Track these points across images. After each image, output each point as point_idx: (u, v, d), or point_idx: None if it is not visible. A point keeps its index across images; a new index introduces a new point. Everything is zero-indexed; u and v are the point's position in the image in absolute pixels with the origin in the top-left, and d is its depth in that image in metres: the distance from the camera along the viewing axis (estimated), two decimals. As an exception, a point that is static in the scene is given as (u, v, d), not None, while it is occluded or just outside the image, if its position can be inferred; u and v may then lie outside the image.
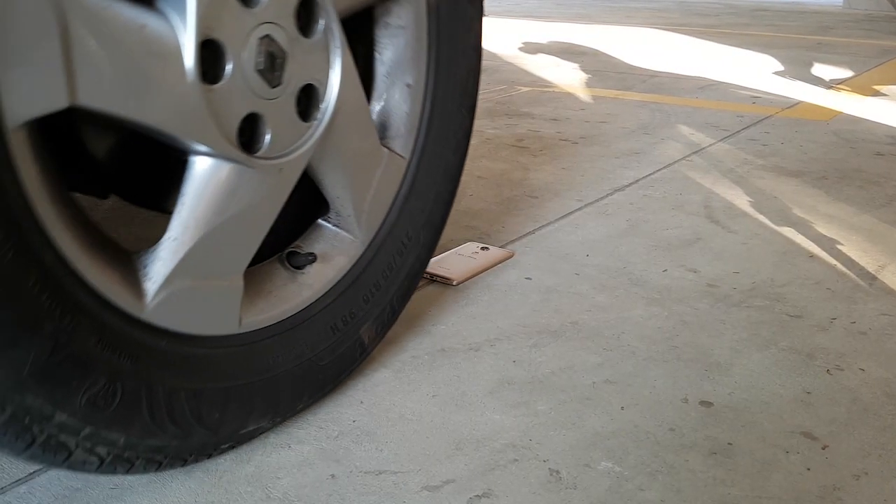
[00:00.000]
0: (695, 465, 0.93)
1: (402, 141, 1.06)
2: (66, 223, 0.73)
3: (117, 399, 0.77)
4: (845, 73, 3.60)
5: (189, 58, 0.75)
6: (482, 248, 1.51)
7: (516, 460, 0.93)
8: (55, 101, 0.67)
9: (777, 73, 3.56)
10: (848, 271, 1.46)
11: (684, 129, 2.50)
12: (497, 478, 0.90)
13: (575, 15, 6.09)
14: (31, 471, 0.90)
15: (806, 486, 0.89)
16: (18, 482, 0.88)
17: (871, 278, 1.43)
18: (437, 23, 1.05)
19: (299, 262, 0.96)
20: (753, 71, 3.59)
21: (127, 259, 0.81)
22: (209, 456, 0.90)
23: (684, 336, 1.22)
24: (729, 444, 0.96)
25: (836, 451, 0.95)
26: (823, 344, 1.20)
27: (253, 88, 0.82)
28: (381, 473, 0.91)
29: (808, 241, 1.60)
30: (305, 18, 0.87)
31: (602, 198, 1.84)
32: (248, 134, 0.84)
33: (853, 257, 1.52)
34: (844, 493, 0.88)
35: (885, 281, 1.42)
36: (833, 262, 1.50)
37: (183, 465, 0.88)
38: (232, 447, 0.92)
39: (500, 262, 1.48)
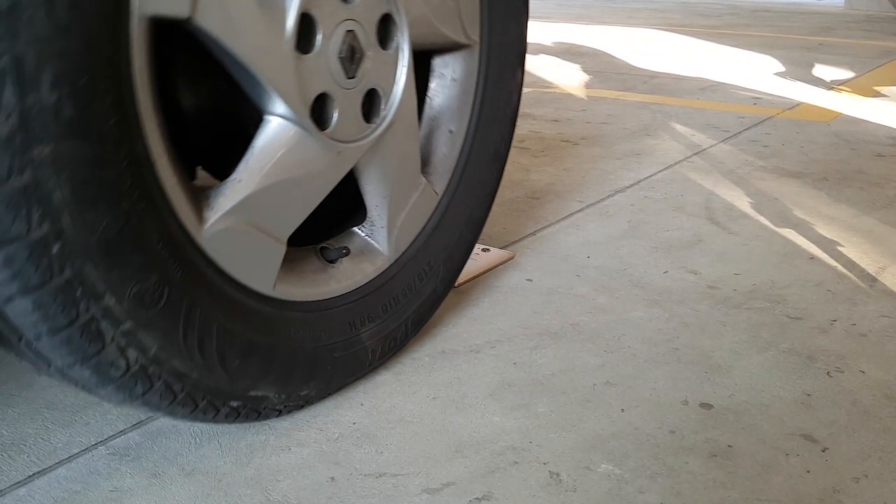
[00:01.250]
0: (695, 467, 0.93)
1: (438, 179, 1.15)
2: (161, 127, 0.79)
3: (162, 303, 0.80)
4: (846, 74, 3.60)
5: (291, 21, 0.85)
6: (483, 250, 1.51)
7: (516, 463, 0.93)
8: (179, 8, 0.76)
9: (778, 73, 3.56)
10: (848, 273, 1.45)
11: (685, 131, 2.50)
12: (497, 480, 0.90)
13: (576, 15, 6.09)
14: (31, 473, 0.90)
15: (806, 488, 0.89)
16: (18, 485, 0.88)
17: (872, 280, 1.43)
18: (485, 85, 1.18)
19: (331, 255, 1.04)
20: (754, 72, 3.59)
21: (199, 186, 0.88)
22: (214, 415, 0.91)
23: (685, 338, 1.21)
24: (729, 446, 0.96)
25: (836, 454, 0.95)
26: (824, 346, 1.20)
27: (332, 71, 0.92)
28: (381, 476, 0.91)
29: (809, 242, 1.60)
30: (383, 31, 0.99)
31: (603, 199, 1.84)
32: (319, 112, 0.93)
33: (854, 259, 1.52)
34: (844, 496, 0.88)
35: (885, 283, 1.41)
36: (833, 263, 1.50)
37: (191, 413, 0.88)
38: (235, 413, 0.93)
39: (501, 263, 1.48)
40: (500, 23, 1.17)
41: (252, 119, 0.90)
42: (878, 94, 3.13)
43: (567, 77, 3.43)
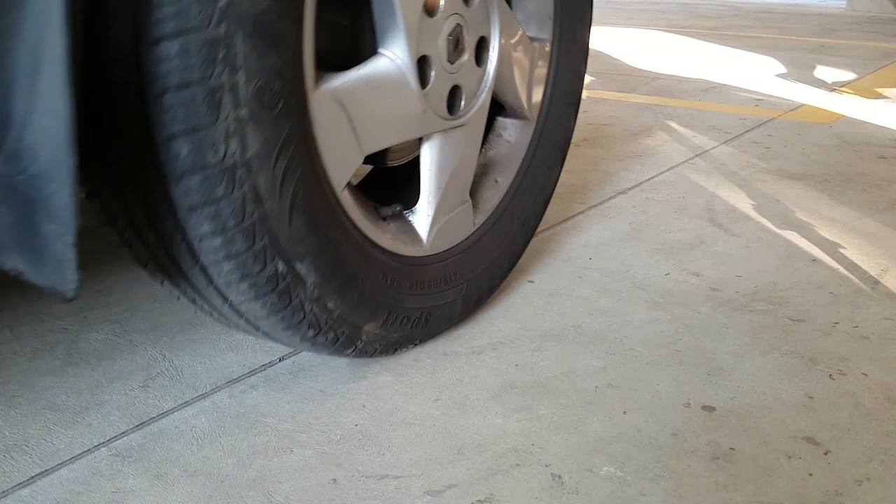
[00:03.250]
0: (697, 470, 0.92)
1: (478, 213, 1.25)
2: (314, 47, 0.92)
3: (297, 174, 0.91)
4: (848, 75, 3.60)
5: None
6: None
7: (518, 465, 0.93)
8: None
9: (780, 75, 3.56)
10: (850, 275, 1.45)
11: (687, 132, 2.50)
12: (499, 482, 0.90)
13: (578, 17, 6.07)
14: (33, 474, 0.90)
15: (808, 491, 0.89)
16: (20, 486, 0.88)
17: (874, 282, 1.43)
18: (534, 153, 1.32)
19: (385, 213, 1.13)
20: (756, 73, 3.59)
21: None
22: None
23: (687, 340, 1.21)
24: (731, 448, 0.96)
25: (838, 457, 0.95)
26: (826, 348, 1.20)
27: (440, 45, 1.07)
28: (382, 478, 0.91)
29: (811, 244, 1.59)
30: (479, 51, 1.16)
31: (605, 201, 1.84)
32: (422, 68, 1.05)
33: (856, 261, 1.52)
34: (847, 499, 0.88)
35: (887, 285, 1.41)
36: (836, 265, 1.50)
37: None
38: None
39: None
40: (557, 109, 1.35)
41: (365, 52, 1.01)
42: (880, 96, 3.13)
43: (569, 78, 3.43)
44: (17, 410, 1.02)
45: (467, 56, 1.13)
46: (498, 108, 1.29)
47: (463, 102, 1.15)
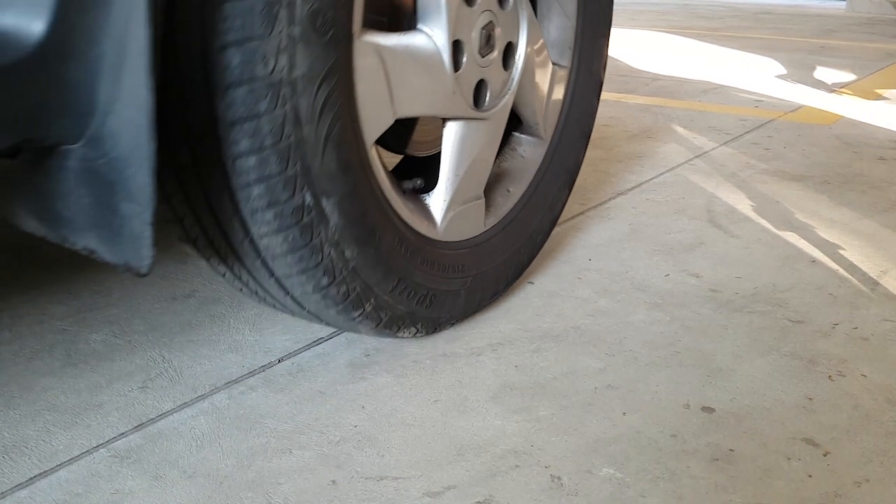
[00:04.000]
0: (696, 471, 0.92)
1: (490, 216, 1.28)
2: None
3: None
4: (848, 76, 3.60)
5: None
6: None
7: (518, 466, 0.93)
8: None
9: (780, 76, 3.56)
10: (850, 276, 1.45)
11: (687, 133, 2.50)
12: (498, 484, 0.90)
13: (578, 17, 6.07)
14: (32, 475, 0.90)
15: (807, 493, 0.89)
16: (19, 487, 0.88)
17: (874, 284, 1.42)
18: (547, 170, 1.37)
19: (406, 186, 1.17)
20: (756, 74, 3.59)
21: None
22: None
23: (686, 341, 1.21)
24: (731, 450, 0.96)
25: (837, 458, 0.95)
26: (825, 350, 1.20)
27: (472, 36, 1.13)
28: (382, 479, 0.91)
29: (811, 245, 1.59)
30: (506, 55, 1.22)
31: (605, 202, 1.84)
32: (455, 51, 1.10)
33: (855, 262, 1.52)
34: (846, 500, 0.88)
35: (887, 286, 1.41)
36: (835, 267, 1.50)
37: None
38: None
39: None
40: (570, 135, 1.41)
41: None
42: (879, 97, 3.13)
43: (569, 79, 3.43)
44: (16, 411, 1.02)
45: (496, 54, 1.19)
46: (515, 124, 1.34)
47: (488, 98, 1.20)
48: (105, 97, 0.77)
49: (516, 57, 1.25)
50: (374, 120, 1.01)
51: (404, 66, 1.03)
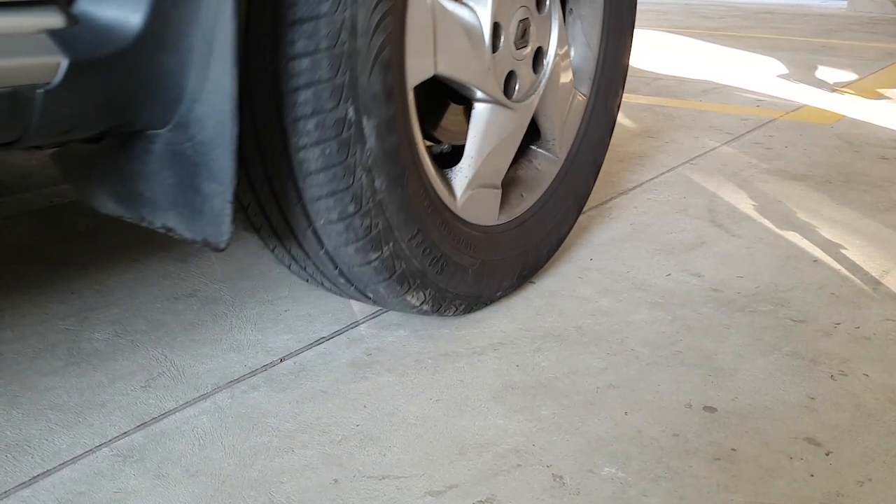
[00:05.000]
0: (698, 470, 0.93)
1: (504, 214, 1.31)
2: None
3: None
4: (849, 76, 3.59)
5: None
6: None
7: (519, 465, 0.93)
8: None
9: (781, 76, 3.56)
10: (852, 276, 1.45)
11: (688, 133, 2.50)
12: (500, 483, 0.90)
13: (579, 17, 6.07)
14: (35, 474, 0.90)
15: (810, 492, 0.89)
16: (22, 486, 0.88)
17: (876, 283, 1.42)
18: (560, 184, 1.42)
19: (435, 150, 1.23)
20: (758, 74, 3.59)
21: None
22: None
23: (688, 341, 1.21)
24: (733, 449, 0.96)
25: (839, 457, 0.95)
26: (827, 349, 1.20)
27: (511, 42, 1.21)
28: (384, 478, 0.91)
29: (812, 245, 1.59)
30: (536, 59, 1.30)
31: (606, 201, 1.84)
32: (495, 33, 1.18)
33: (857, 262, 1.52)
34: (848, 500, 0.88)
35: (889, 286, 1.41)
36: (837, 266, 1.50)
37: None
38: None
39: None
40: (581, 161, 1.46)
41: None
42: (881, 97, 3.12)
43: (570, 79, 3.43)
44: (19, 410, 1.02)
45: (528, 51, 1.26)
46: (533, 138, 1.39)
47: (517, 90, 1.26)
48: (193, 85, 0.83)
49: (545, 63, 1.31)
50: (417, 65, 1.05)
51: (451, 28, 1.09)
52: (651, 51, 4.31)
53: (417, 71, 1.05)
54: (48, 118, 0.77)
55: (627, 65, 1.55)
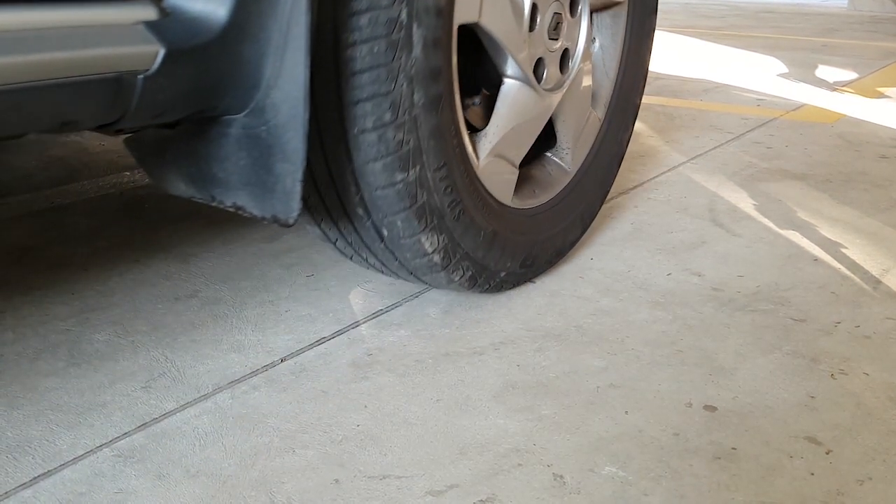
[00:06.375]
0: (699, 469, 0.93)
1: (516, 203, 1.34)
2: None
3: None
4: (850, 75, 3.59)
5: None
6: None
7: (520, 465, 0.93)
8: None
9: (781, 75, 3.56)
10: (852, 275, 1.45)
11: (689, 132, 2.50)
12: (501, 482, 0.90)
13: (579, 17, 6.07)
14: (36, 475, 0.90)
15: (810, 491, 0.89)
16: (23, 486, 0.88)
17: (876, 282, 1.42)
18: (568, 194, 1.45)
19: (467, 102, 1.27)
20: (758, 73, 3.59)
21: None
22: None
23: (688, 340, 1.21)
24: (733, 448, 0.96)
25: (840, 456, 0.95)
26: (828, 348, 1.20)
27: (544, 38, 1.29)
28: (384, 478, 0.91)
29: (813, 244, 1.59)
30: (563, 61, 1.37)
31: (606, 200, 1.84)
32: (532, 18, 1.24)
33: (858, 261, 1.52)
34: (848, 499, 0.88)
35: (889, 285, 1.41)
36: (837, 265, 1.50)
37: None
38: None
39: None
40: (590, 179, 1.51)
41: None
42: (881, 96, 3.12)
43: (570, 78, 3.43)
44: (20, 411, 1.02)
45: (558, 46, 1.33)
46: (548, 145, 1.44)
47: (544, 77, 1.31)
48: (270, 74, 0.90)
49: (570, 66, 1.38)
50: (465, 4, 1.11)
51: None
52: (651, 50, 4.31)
53: (464, 9, 1.10)
54: (145, 102, 0.84)
55: (639, 105, 1.61)
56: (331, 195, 1.12)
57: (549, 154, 1.46)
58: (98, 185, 1.90)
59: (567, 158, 1.45)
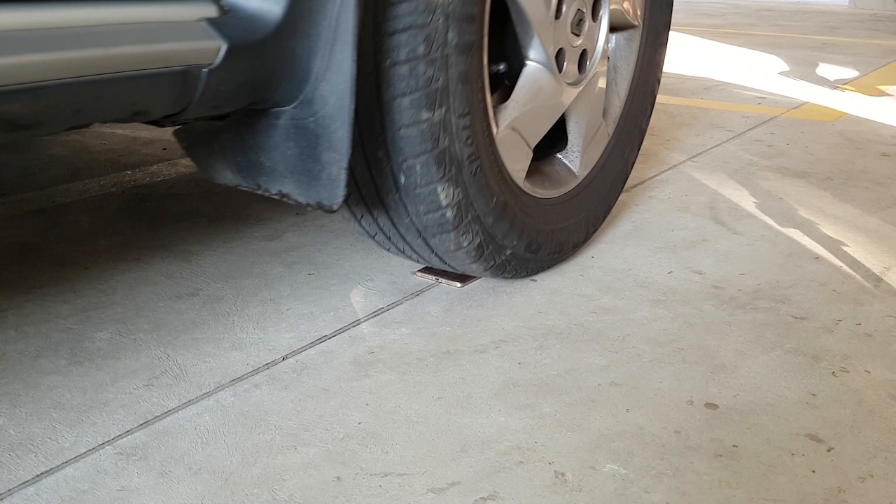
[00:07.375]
0: (700, 467, 0.93)
1: (530, 185, 1.38)
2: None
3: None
4: (851, 73, 3.59)
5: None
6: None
7: (522, 462, 0.93)
8: None
9: (782, 73, 3.56)
10: (853, 273, 1.45)
11: (690, 130, 2.50)
12: (502, 480, 0.90)
13: (580, 15, 6.07)
14: (38, 472, 0.90)
15: (811, 488, 0.89)
16: (25, 484, 0.88)
17: (877, 280, 1.43)
18: (572, 198, 1.47)
19: (492, 68, 1.29)
20: (759, 71, 3.59)
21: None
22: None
23: (689, 338, 1.22)
24: (734, 446, 0.96)
25: (841, 454, 0.95)
26: (829, 346, 1.20)
27: (567, 34, 1.34)
28: (386, 475, 0.91)
29: (814, 242, 1.60)
30: (581, 62, 1.42)
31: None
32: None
33: (858, 259, 1.52)
34: (850, 496, 0.88)
35: (890, 282, 1.41)
36: (838, 263, 1.50)
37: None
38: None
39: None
40: (596, 188, 1.52)
41: None
42: (882, 94, 3.12)
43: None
44: (23, 409, 1.02)
45: (579, 42, 1.38)
46: (559, 148, 1.47)
47: (564, 67, 1.36)
48: (319, 67, 0.95)
49: (587, 66, 1.42)
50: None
51: None
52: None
53: None
54: (208, 94, 0.89)
55: (645, 130, 1.66)
56: (354, 144, 1.16)
57: (559, 155, 1.48)
58: (99, 183, 1.90)
59: (576, 162, 1.48)
